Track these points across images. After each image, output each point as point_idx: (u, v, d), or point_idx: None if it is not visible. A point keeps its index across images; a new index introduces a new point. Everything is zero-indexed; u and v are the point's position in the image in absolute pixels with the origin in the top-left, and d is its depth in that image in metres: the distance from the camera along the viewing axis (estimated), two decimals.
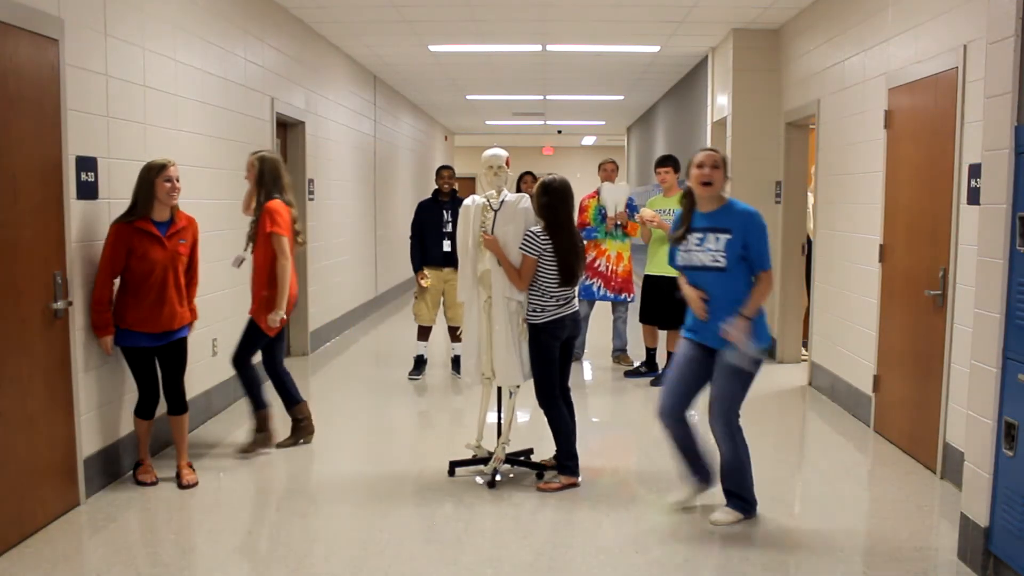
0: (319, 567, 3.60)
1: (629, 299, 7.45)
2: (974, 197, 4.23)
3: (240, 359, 5.04)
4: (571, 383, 4.68)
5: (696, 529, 4.05)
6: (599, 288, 7.37)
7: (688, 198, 4.08)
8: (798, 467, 5.21)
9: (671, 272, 6.78)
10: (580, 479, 4.51)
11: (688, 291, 4.05)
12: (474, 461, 4.71)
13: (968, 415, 3.61)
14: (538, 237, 4.43)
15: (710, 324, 3.94)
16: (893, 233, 5.35)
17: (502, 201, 4.57)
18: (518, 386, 4.59)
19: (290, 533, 4.00)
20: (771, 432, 5.92)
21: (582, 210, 7.36)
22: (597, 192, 7.42)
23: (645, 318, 7.03)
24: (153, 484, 4.48)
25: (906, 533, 3.98)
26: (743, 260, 3.91)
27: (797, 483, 4.89)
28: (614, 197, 7.31)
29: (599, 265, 7.34)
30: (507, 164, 4.67)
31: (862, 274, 5.85)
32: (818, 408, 6.33)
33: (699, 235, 3.99)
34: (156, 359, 4.47)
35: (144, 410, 4.48)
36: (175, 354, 4.48)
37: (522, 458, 4.79)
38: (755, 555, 3.71)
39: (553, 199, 4.44)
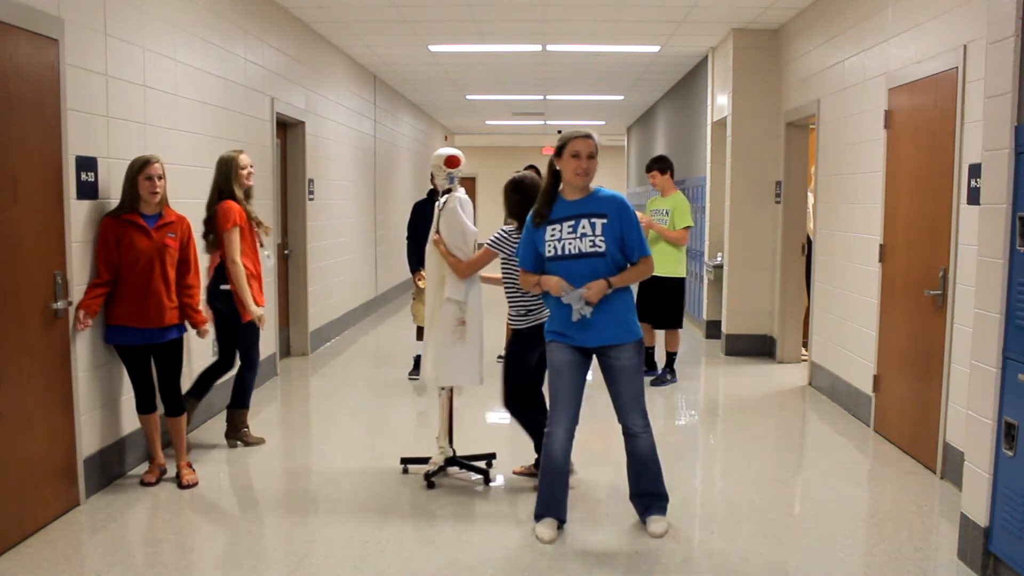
0: (319, 567, 3.60)
1: None
2: (974, 197, 4.23)
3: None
4: None
5: (696, 529, 4.06)
6: None
7: (551, 178, 3.83)
8: (798, 467, 5.21)
9: (666, 272, 6.90)
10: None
11: (546, 278, 3.78)
12: (424, 460, 4.72)
13: (968, 415, 3.61)
14: (511, 237, 4.27)
15: (589, 323, 3.75)
16: (893, 233, 5.35)
17: (444, 201, 4.47)
18: (443, 388, 4.60)
19: (290, 533, 4.00)
20: (771, 432, 5.93)
21: None
22: None
23: (642, 318, 6.98)
24: (153, 484, 4.48)
25: (906, 533, 3.97)
26: (619, 246, 3.76)
27: (797, 483, 4.89)
28: None
29: None
30: (449, 163, 4.44)
31: (862, 274, 5.85)
32: (818, 408, 6.33)
33: (570, 222, 3.75)
34: (151, 358, 4.46)
35: (142, 405, 4.48)
36: (168, 355, 4.46)
37: (476, 463, 4.73)
38: (756, 555, 3.71)
39: (526, 197, 4.22)
